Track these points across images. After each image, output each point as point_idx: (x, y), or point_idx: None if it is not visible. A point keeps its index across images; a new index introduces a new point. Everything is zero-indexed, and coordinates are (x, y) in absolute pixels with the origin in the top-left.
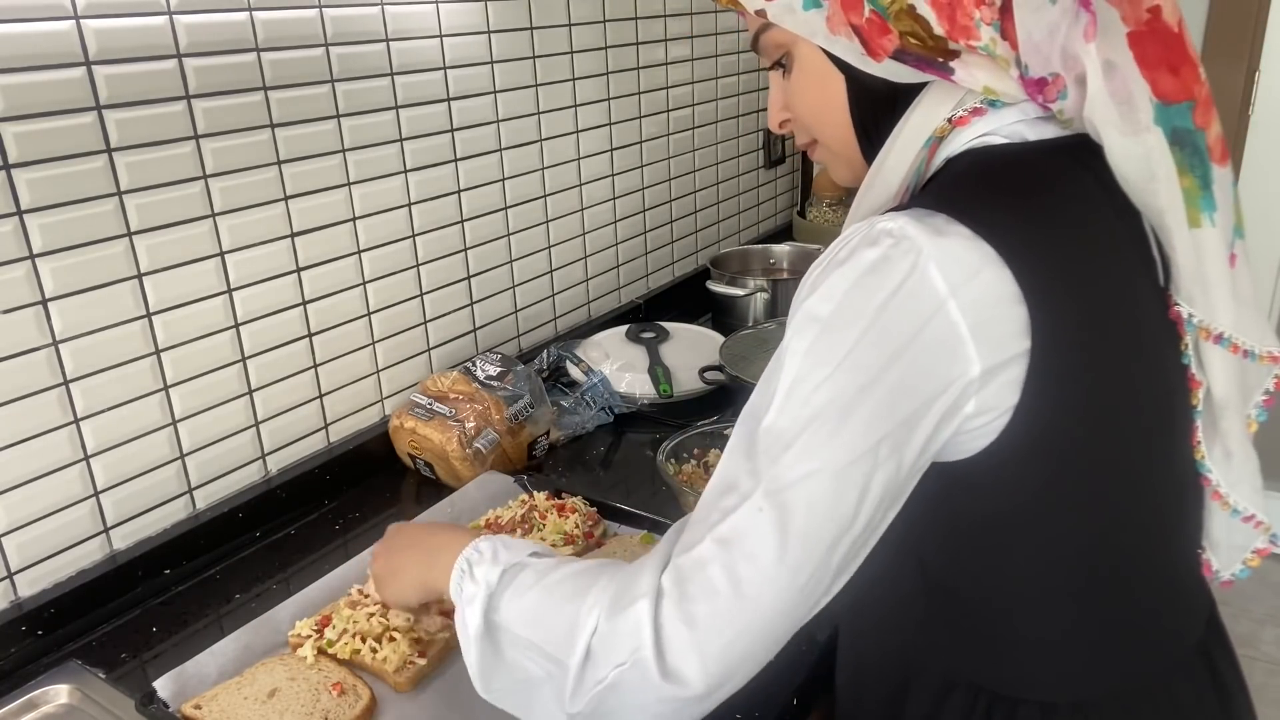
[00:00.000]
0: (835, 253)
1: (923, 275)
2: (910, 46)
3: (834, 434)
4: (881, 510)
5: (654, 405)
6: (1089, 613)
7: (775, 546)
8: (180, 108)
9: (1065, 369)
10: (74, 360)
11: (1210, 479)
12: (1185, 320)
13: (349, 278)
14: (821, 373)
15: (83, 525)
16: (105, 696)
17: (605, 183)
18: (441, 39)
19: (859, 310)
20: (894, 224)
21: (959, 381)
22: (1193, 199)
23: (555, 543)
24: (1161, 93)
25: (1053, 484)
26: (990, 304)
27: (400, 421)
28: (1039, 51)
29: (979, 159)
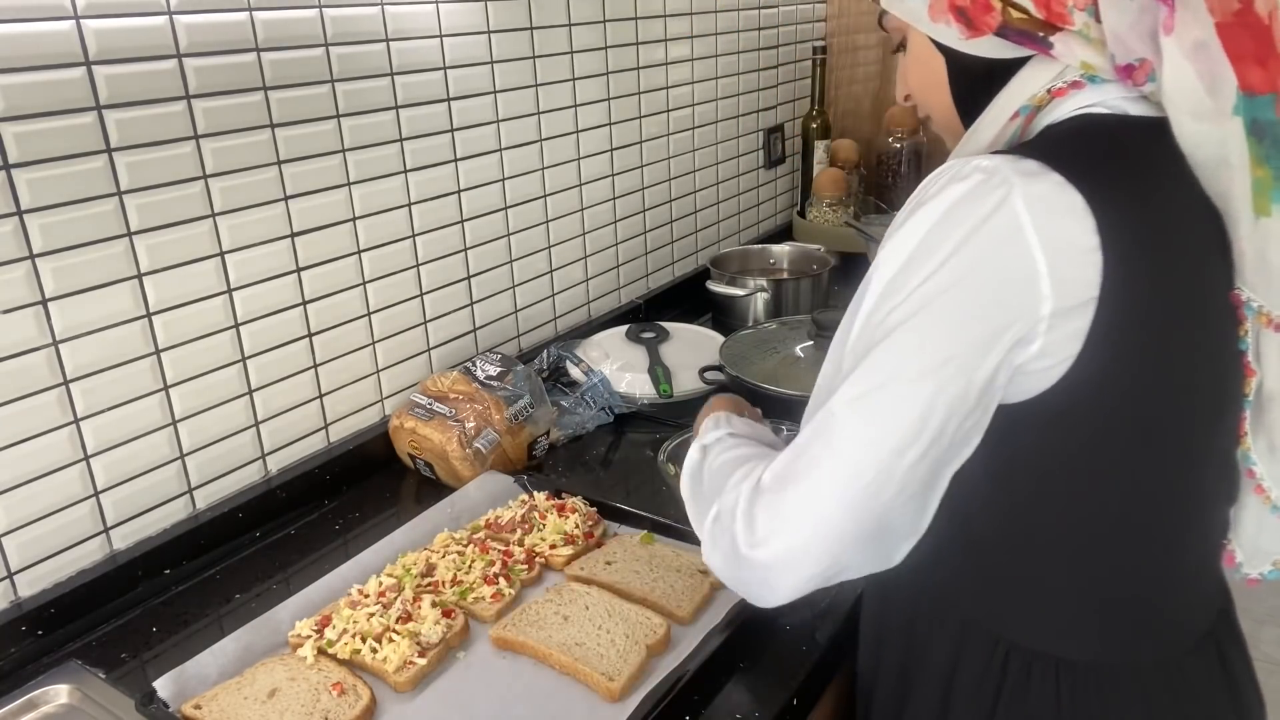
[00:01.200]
0: (924, 190)
1: (1010, 209)
2: (1013, 21)
3: (903, 350)
4: (949, 430)
5: (654, 405)
6: (1107, 576)
7: (846, 447)
8: (180, 108)
9: (1129, 326)
10: (74, 360)
11: (1255, 471)
12: (1245, 304)
13: (349, 278)
14: (901, 294)
15: (83, 525)
16: (105, 696)
17: (605, 183)
18: (441, 39)
19: (943, 238)
20: (988, 162)
21: (1029, 315)
22: (1264, 189)
23: (555, 543)
24: (1248, 84)
25: (1097, 440)
26: (1069, 248)
27: (400, 421)
28: (1122, 42)
29: (1082, 124)
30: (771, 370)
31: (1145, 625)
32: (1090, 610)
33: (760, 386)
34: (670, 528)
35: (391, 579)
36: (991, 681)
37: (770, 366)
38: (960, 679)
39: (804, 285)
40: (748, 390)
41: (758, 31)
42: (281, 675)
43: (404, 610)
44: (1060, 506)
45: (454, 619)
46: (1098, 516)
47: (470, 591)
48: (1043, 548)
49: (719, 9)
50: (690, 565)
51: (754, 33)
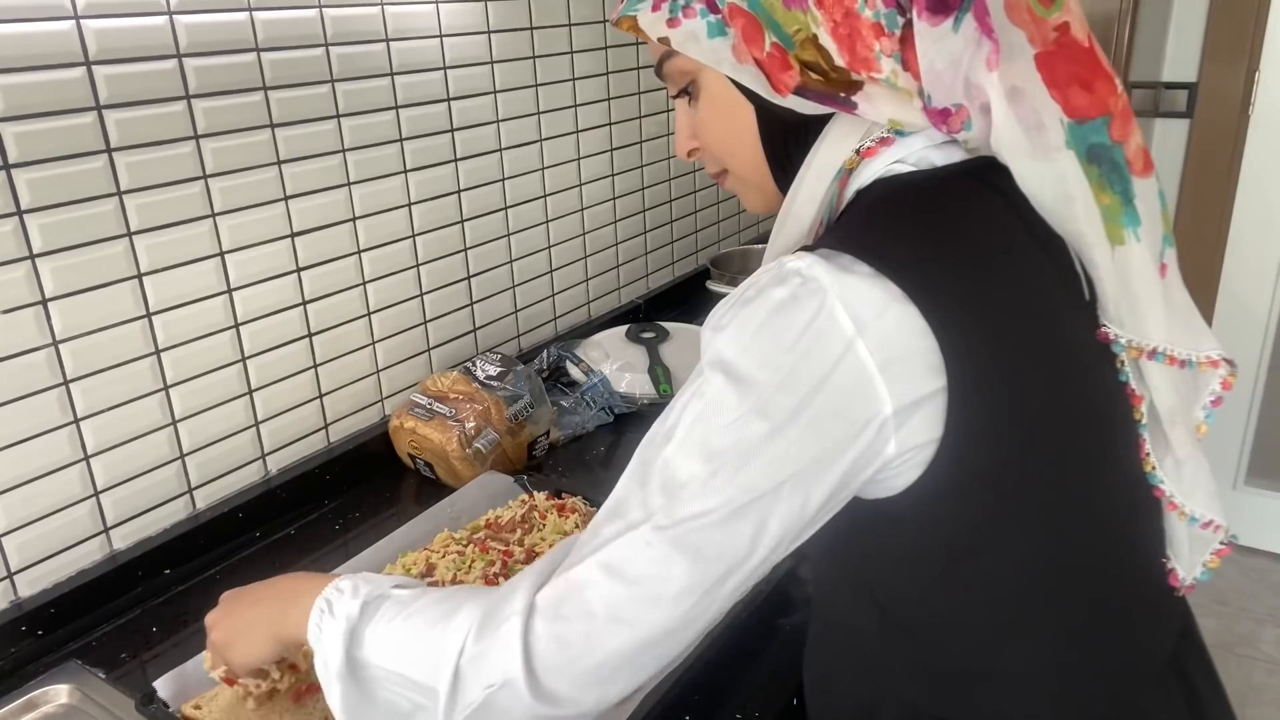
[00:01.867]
0: (744, 292)
1: (830, 315)
2: (811, 83)
3: (734, 476)
4: (781, 546)
5: (654, 405)
6: (1046, 639)
7: (659, 578)
8: (180, 108)
9: (985, 400)
10: (74, 360)
11: (1164, 490)
12: (1114, 340)
13: (349, 278)
14: (726, 417)
15: (83, 525)
16: (105, 696)
17: (605, 183)
18: (441, 39)
19: (767, 352)
20: (801, 263)
21: (874, 422)
22: (1114, 216)
23: (555, 543)
24: (1074, 111)
25: (988, 514)
26: (899, 341)
27: (400, 421)
28: (941, 81)
29: (885, 190)
30: None
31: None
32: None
33: None
34: None
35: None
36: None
37: None
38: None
39: None
40: None
41: None
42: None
43: None
44: (975, 585)
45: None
46: (1012, 584)
47: None
48: (964, 625)
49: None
50: None
51: None
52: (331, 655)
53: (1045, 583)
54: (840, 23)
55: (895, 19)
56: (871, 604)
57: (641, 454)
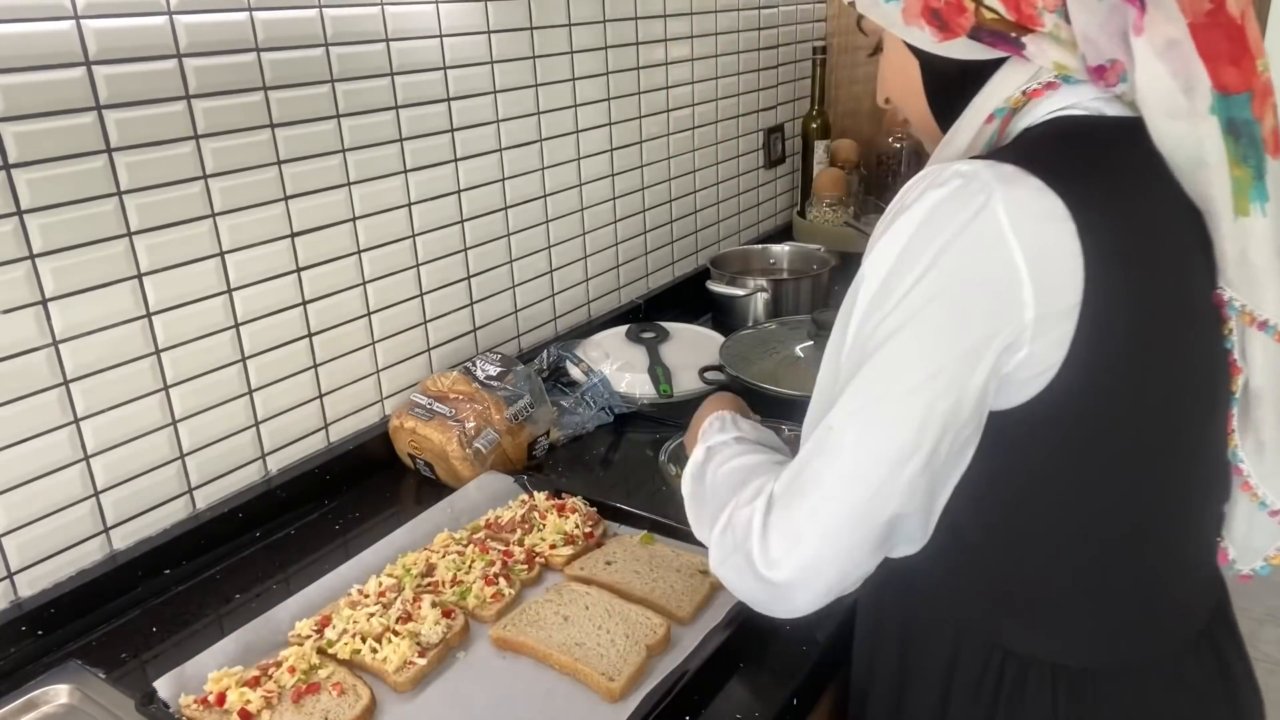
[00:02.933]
0: (903, 197)
1: (990, 214)
2: (986, 22)
3: (895, 363)
4: (946, 440)
5: (654, 405)
6: (1100, 578)
7: (842, 461)
8: (180, 108)
9: (1113, 331)
10: (74, 360)
11: (1242, 469)
12: (1228, 303)
13: (349, 278)
14: (887, 306)
15: (83, 525)
16: (105, 696)
17: (605, 183)
18: (441, 39)
19: (925, 245)
20: (966, 167)
21: (1015, 322)
22: (1243, 188)
23: (555, 543)
24: (1222, 84)
25: (1085, 445)
26: (1051, 253)
27: (400, 421)
28: (1093, 43)
29: (1059, 126)
30: (771, 370)
31: (1141, 626)
32: (1085, 614)
33: (760, 386)
34: (670, 528)
35: (391, 579)
36: (988, 686)
37: (770, 366)
38: (957, 683)
39: (804, 285)
40: (747, 390)
41: (758, 31)
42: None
43: (404, 610)
44: (1051, 511)
45: (454, 619)
46: (1089, 520)
47: (470, 591)
48: (1035, 553)
49: (719, 9)
50: (690, 565)
51: (754, 33)
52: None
53: (1113, 525)
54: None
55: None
56: (949, 526)
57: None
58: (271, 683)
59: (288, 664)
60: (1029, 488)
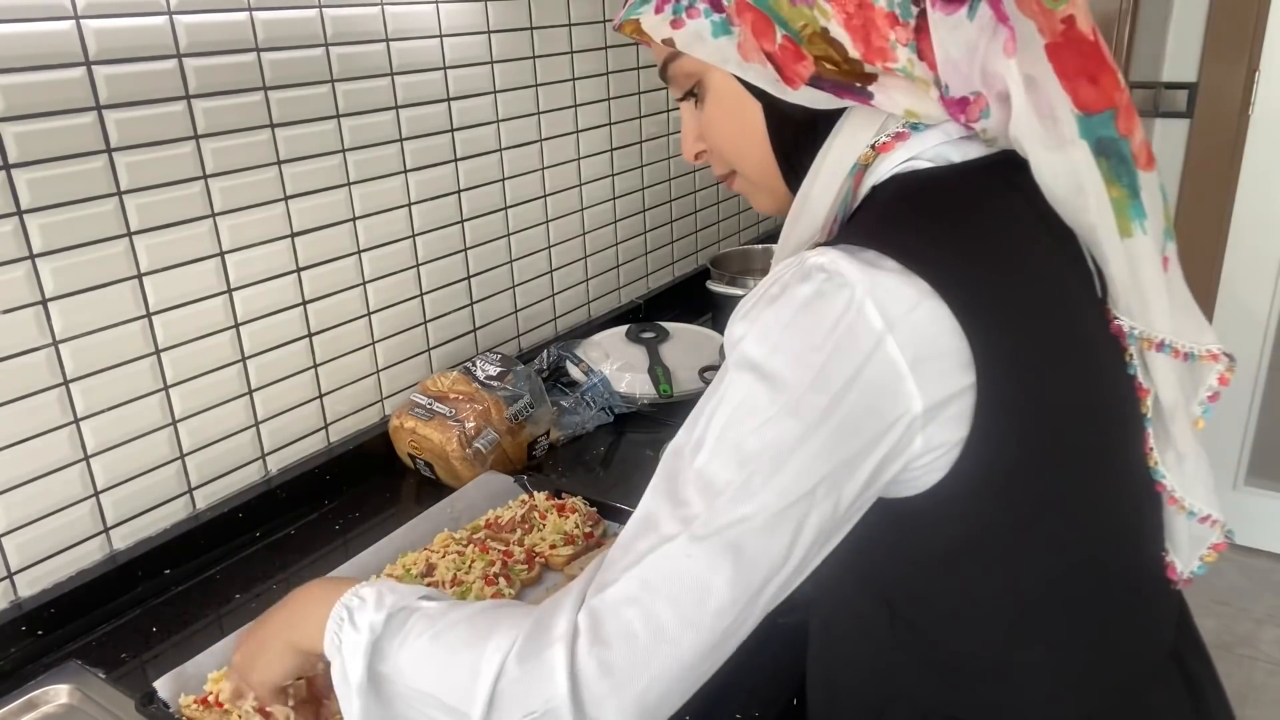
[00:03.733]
0: (767, 289)
1: (859, 312)
2: (826, 73)
3: (769, 479)
4: (815, 549)
5: (654, 405)
6: (1057, 636)
7: (699, 591)
8: (180, 108)
9: (1013, 398)
10: (74, 360)
11: (1165, 484)
12: (1128, 333)
13: (349, 278)
14: (758, 418)
15: (83, 525)
16: (105, 696)
17: (605, 183)
18: (441, 39)
19: (795, 352)
20: (825, 258)
21: (903, 419)
22: (1122, 208)
23: (555, 543)
24: (1083, 103)
25: (1009, 513)
26: (929, 339)
27: (400, 421)
28: (958, 70)
29: (904, 186)
30: None
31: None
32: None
33: None
34: None
35: (391, 579)
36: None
37: None
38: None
39: None
40: None
41: None
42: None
43: None
44: (989, 583)
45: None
46: (1026, 582)
47: (470, 591)
48: (977, 623)
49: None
50: None
51: None
52: (352, 668)
53: (1057, 578)
54: (854, 14)
55: (909, 8)
56: (881, 603)
57: (667, 466)
58: None
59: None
60: (962, 563)
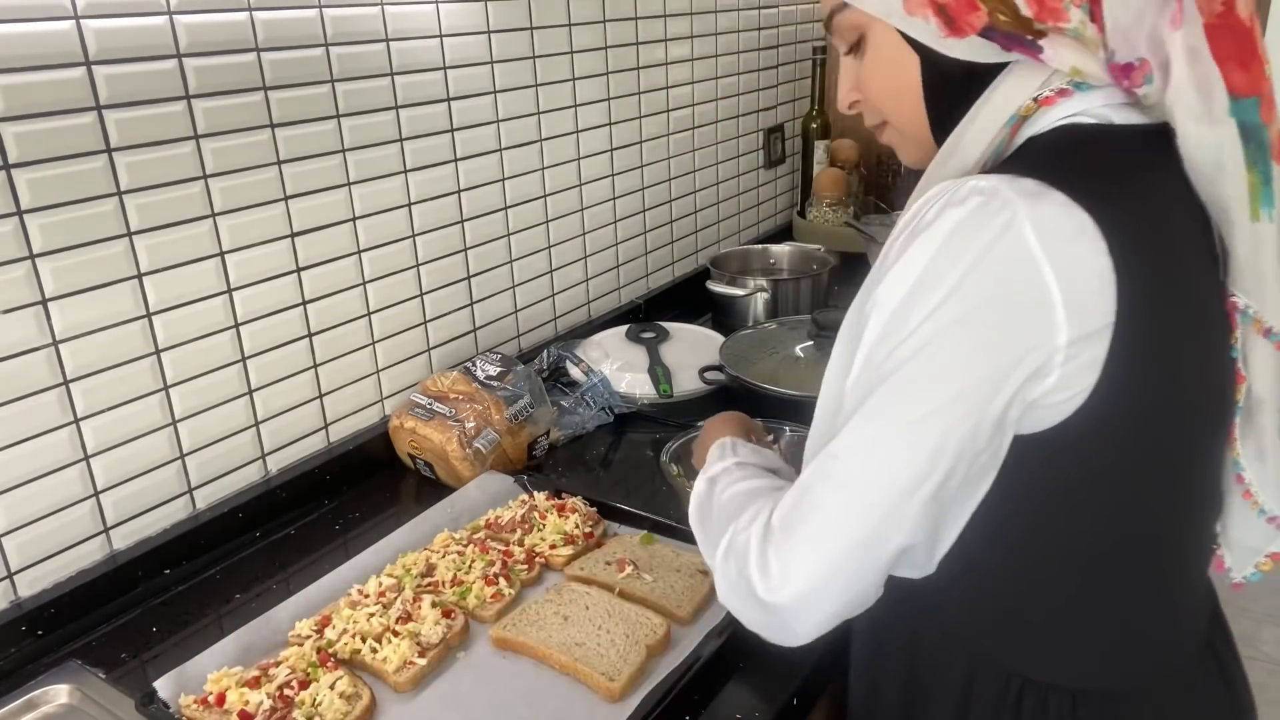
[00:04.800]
0: (920, 215)
1: (1018, 235)
2: (999, 24)
3: (909, 389)
4: (960, 468)
5: (654, 405)
6: (1117, 600)
7: (848, 488)
8: (180, 108)
9: (1145, 350)
10: (74, 360)
11: (1244, 476)
12: (1241, 311)
13: (349, 278)
14: (904, 331)
15: (83, 525)
16: (105, 696)
17: (605, 183)
18: (441, 39)
19: (946, 269)
20: (986, 183)
21: (1045, 346)
22: (1255, 193)
23: (555, 543)
24: (1233, 86)
25: (1110, 468)
26: (1083, 272)
27: (400, 421)
28: (1125, 37)
29: (1069, 135)
30: (771, 370)
31: (1155, 645)
32: (1103, 637)
33: (760, 386)
34: (670, 528)
35: (391, 579)
36: (1007, 716)
37: (770, 366)
38: (974, 713)
39: (804, 285)
40: (748, 390)
41: (758, 31)
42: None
43: (404, 610)
44: (1070, 534)
45: (454, 619)
46: (1102, 541)
47: (470, 591)
48: (1053, 577)
49: (719, 9)
50: (690, 565)
51: (754, 33)
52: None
53: (1129, 544)
54: None
55: None
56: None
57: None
58: (271, 684)
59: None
60: (1048, 512)
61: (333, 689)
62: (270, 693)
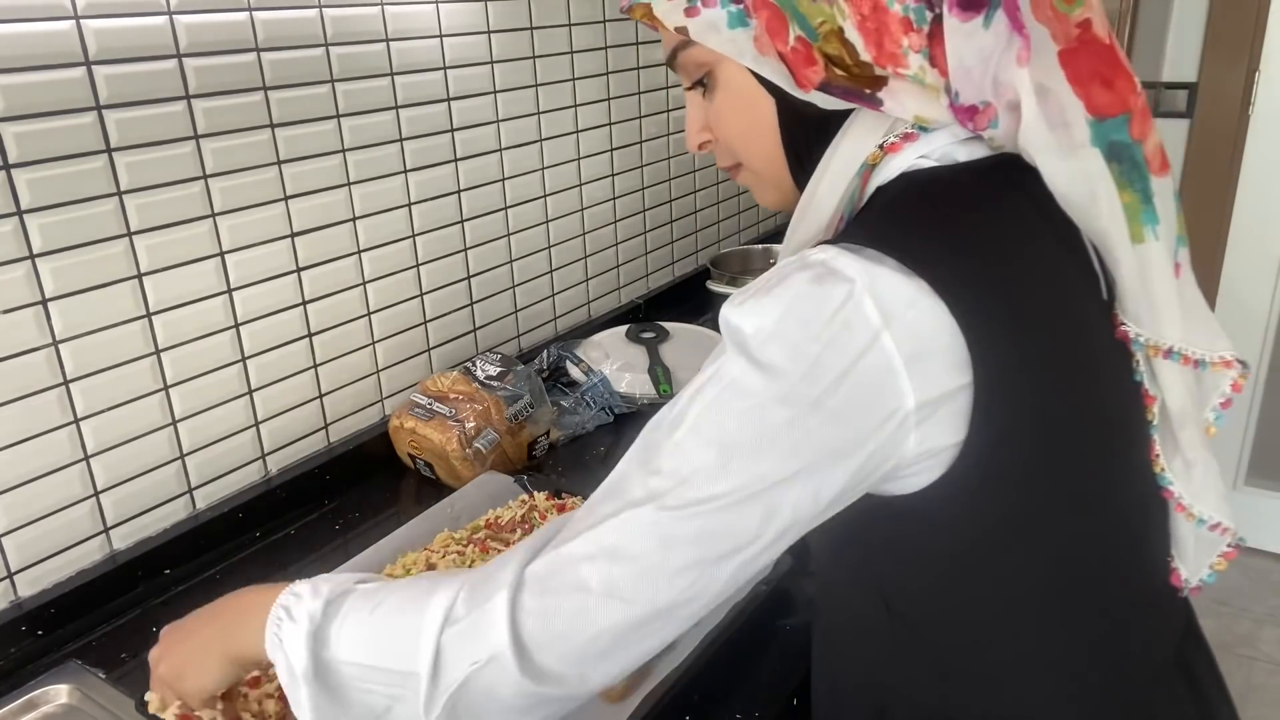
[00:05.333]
0: (766, 281)
1: (857, 306)
2: (836, 79)
3: (749, 463)
4: (788, 535)
5: (654, 405)
6: (1058, 637)
7: (659, 556)
8: (180, 108)
9: (1010, 401)
10: (74, 360)
11: (1173, 491)
12: (1134, 339)
13: (349, 278)
14: (746, 402)
15: (83, 525)
16: (105, 696)
17: (605, 183)
18: (441, 39)
19: (791, 340)
20: (826, 254)
21: (895, 416)
22: (1134, 214)
23: None
24: (1096, 108)
25: (1008, 515)
26: (926, 336)
27: (400, 421)
28: (970, 78)
29: (909, 185)
30: None
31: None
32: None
33: None
34: None
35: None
36: None
37: None
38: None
39: None
40: None
41: None
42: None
43: None
44: (990, 583)
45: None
46: (1024, 586)
47: None
48: (974, 625)
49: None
50: None
51: None
52: (296, 660)
53: (1058, 583)
54: (868, 16)
55: (924, 14)
56: (880, 602)
57: (646, 438)
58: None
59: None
60: (963, 562)
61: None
62: (270, 693)
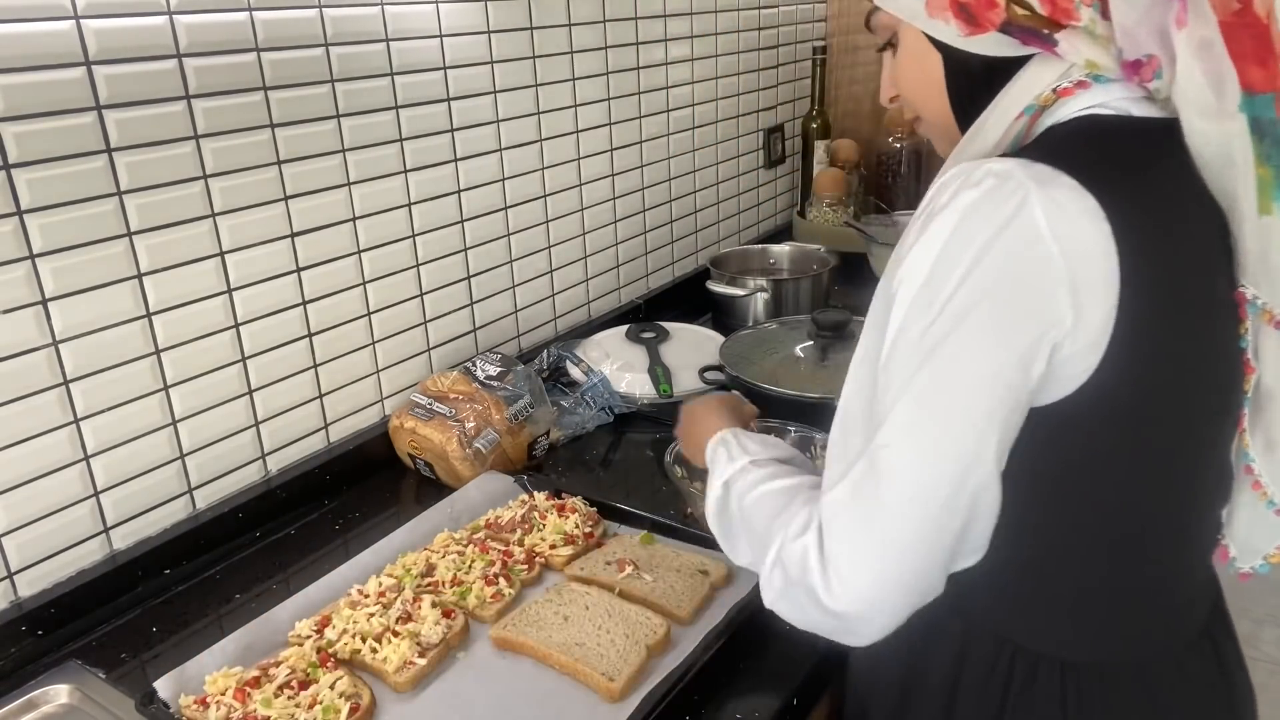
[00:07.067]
0: (935, 199)
1: (1029, 215)
2: (1016, 18)
3: (945, 373)
4: (1003, 443)
5: (654, 405)
6: (1115, 576)
7: (903, 481)
8: (180, 108)
9: (1145, 332)
10: (74, 360)
11: (1253, 468)
12: (1249, 302)
13: (349, 278)
14: (931, 312)
15: (83, 525)
16: (105, 696)
17: (605, 183)
18: (441, 39)
19: (963, 249)
20: (999, 166)
21: (1058, 323)
22: (1266, 188)
23: (555, 543)
24: (1248, 83)
25: (1111, 445)
26: (1088, 255)
27: (400, 421)
28: (1132, 37)
29: (1087, 125)
30: (771, 370)
31: (1149, 624)
32: (1098, 611)
33: (760, 386)
34: (670, 528)
35: (391, 579)
36: (997, 684)
37: (770, 366)
38: (964, 682)
39: (804, 285)
40: (747, 390)
41: (758, 31)
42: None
43: (404, 610)
44: (1067, 510)
45: (454, 619)
46: (1104, 519)
47: (470, 591)
48: (1049, 551)
49: (719, 9)
50: (690, 565)
51: (754, 33)
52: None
53: (1135, 524)
54: None
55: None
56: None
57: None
58: (271, 684)
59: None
60: (1046, 488)
61: (333, 689)
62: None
